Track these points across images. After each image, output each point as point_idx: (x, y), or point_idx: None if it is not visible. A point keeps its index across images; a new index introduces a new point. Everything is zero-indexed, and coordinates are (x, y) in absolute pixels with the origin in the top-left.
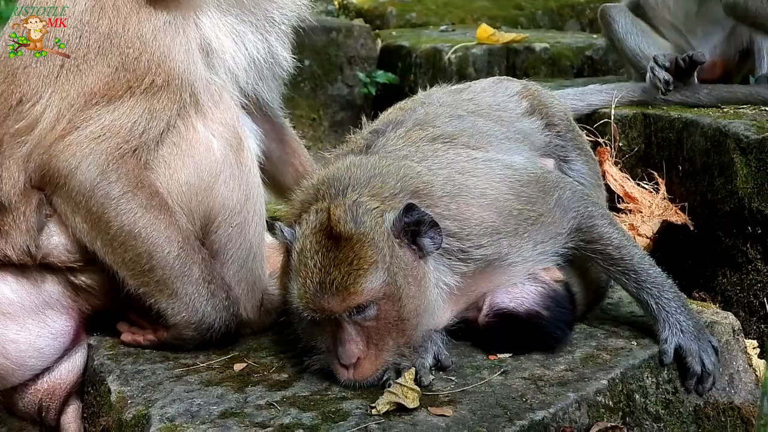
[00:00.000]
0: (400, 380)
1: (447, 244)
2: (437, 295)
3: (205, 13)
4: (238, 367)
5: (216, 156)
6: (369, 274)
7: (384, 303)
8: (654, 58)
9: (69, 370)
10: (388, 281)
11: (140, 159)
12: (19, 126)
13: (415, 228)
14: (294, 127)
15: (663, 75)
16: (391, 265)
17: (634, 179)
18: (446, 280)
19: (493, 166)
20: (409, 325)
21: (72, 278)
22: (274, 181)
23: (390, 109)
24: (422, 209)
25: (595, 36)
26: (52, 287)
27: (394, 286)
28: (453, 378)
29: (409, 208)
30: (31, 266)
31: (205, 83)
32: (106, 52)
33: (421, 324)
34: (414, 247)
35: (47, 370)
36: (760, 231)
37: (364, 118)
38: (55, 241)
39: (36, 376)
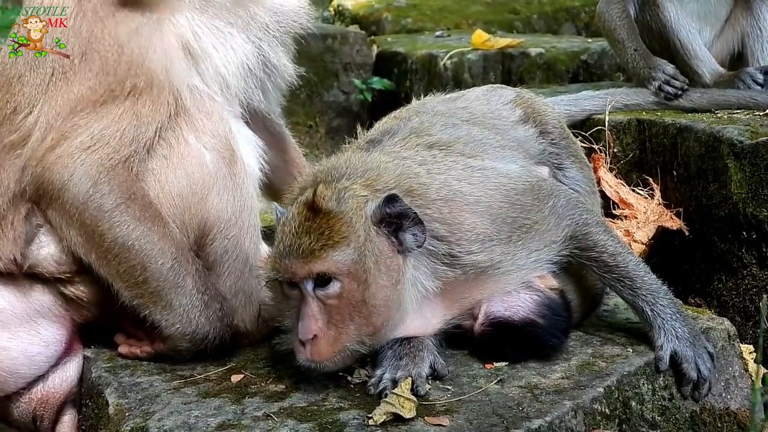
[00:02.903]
0: (396, 390)
1: (433, 246)
2: (413, 294)
3: (182, 13)
4: (235, 378)
5: (209, 168)
6: (337, 247)
7: (349, 282)
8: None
9: (62, 379)
10: (356, 260)
11: (132, 170)
12: (13, 138)
13: (397, 221)
14: (291, 135)
15: None
16: (364, 248)
17: (629, 185)
18: (425, 282)
19: (488, 175)
20: (374, 313)
21: (62, 289)
22: (274, 190)
23: (384, 119)
24: (407, 204)
25: (590, 40)
26: (42, 296)
27: (361, 268)
28: (449, 387)
29: (391, 199)
30: (21, 275)
31: (192, 88)
32: (88, 57)
33: (389, 317)
34: (394, 239)
35: (41, 378)
36: (755, 236)
37: (359, 127)
38: (45, 252)
39: (29, 385)
